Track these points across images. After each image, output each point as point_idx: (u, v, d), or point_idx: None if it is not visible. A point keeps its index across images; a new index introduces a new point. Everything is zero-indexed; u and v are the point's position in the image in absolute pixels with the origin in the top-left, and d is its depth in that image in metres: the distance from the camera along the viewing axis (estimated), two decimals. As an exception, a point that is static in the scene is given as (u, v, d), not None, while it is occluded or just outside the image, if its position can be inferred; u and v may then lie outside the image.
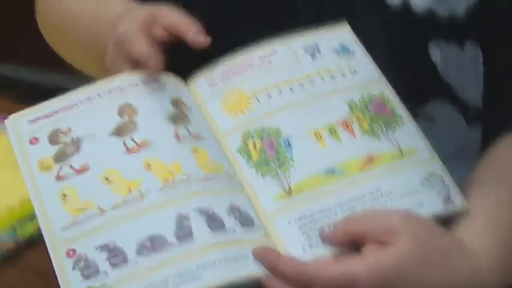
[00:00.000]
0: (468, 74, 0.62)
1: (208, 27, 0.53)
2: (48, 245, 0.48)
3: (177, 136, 0.52)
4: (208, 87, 0.56)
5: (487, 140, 0.61)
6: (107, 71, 0.57)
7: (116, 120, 0.53)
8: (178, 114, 0.54)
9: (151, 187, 0.49)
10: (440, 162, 0.53)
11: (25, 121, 0.54)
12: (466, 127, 0.64)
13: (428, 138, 0.54)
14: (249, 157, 0.52)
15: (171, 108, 0.54)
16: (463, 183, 0.55)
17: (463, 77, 0.62)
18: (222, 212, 0.48)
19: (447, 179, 0.52)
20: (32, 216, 0.84)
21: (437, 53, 0.60)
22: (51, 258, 0.47)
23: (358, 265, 0.44)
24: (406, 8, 0.58)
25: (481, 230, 0.51)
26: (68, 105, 0.54)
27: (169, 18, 0.53)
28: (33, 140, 0.53)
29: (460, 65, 0.61)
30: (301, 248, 0.48)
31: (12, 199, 0.89)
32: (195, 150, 0.52)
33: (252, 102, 0.55)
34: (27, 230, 0.91)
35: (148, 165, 0.50)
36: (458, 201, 0.52)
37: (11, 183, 0.76)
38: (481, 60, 0.63)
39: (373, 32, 0.58)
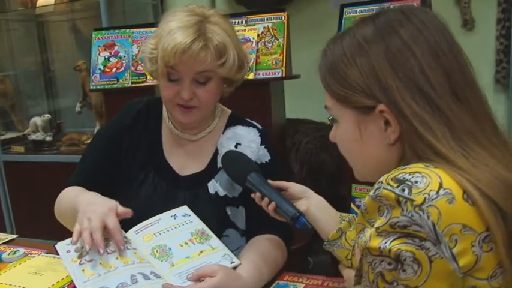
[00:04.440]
0: (242, 217, 1.50)
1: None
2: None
3: (129, 248, 1.30)
4: (135, 233, 1.36)
5: (250, 238, 1.46)
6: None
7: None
8: (128, 241, 1.32)
9: (119, 265, 1.25)
10: (229, 250, 1.35)
11: (64, 244, 1.31)
12: (240, 238, 1.50)
13: (226, 244, 1.37)
14: (155, 255, 1.31)
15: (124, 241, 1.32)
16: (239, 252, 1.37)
17: (241, 221, 1.50)
18: (148, 273, 1.25)
19: (231, 254, 1.34)
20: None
21: (229, 211, 1.48)
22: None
23: (204, 284, 1.21)
24: (216, 194, 1.46)
25: (246, 269, 1.30)
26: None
27: (110, 225, 1.27)
28: (68, 251, 1.29)
29: (238, 215, 1.50)
30: (180, 283, 1.25)
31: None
32: (135, 252, 1.30)
33: (153, 237, 1.34)
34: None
35: (117, 258, 1.27)
36: (236, 260, 1.33)
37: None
38: (244, 213, 1.51)
39: (202, 205, 1.44)
